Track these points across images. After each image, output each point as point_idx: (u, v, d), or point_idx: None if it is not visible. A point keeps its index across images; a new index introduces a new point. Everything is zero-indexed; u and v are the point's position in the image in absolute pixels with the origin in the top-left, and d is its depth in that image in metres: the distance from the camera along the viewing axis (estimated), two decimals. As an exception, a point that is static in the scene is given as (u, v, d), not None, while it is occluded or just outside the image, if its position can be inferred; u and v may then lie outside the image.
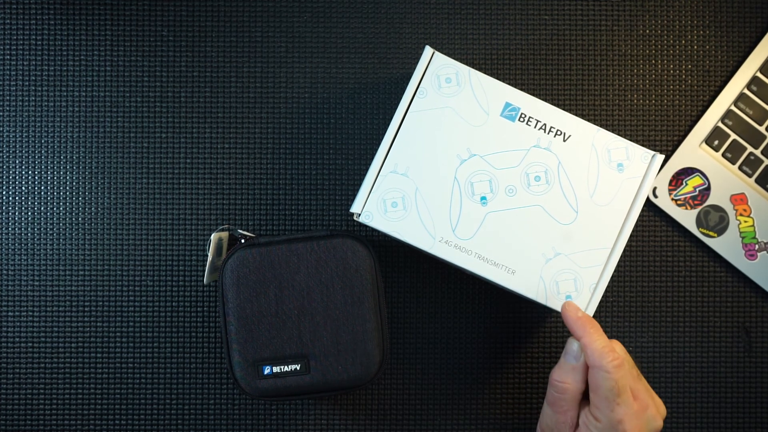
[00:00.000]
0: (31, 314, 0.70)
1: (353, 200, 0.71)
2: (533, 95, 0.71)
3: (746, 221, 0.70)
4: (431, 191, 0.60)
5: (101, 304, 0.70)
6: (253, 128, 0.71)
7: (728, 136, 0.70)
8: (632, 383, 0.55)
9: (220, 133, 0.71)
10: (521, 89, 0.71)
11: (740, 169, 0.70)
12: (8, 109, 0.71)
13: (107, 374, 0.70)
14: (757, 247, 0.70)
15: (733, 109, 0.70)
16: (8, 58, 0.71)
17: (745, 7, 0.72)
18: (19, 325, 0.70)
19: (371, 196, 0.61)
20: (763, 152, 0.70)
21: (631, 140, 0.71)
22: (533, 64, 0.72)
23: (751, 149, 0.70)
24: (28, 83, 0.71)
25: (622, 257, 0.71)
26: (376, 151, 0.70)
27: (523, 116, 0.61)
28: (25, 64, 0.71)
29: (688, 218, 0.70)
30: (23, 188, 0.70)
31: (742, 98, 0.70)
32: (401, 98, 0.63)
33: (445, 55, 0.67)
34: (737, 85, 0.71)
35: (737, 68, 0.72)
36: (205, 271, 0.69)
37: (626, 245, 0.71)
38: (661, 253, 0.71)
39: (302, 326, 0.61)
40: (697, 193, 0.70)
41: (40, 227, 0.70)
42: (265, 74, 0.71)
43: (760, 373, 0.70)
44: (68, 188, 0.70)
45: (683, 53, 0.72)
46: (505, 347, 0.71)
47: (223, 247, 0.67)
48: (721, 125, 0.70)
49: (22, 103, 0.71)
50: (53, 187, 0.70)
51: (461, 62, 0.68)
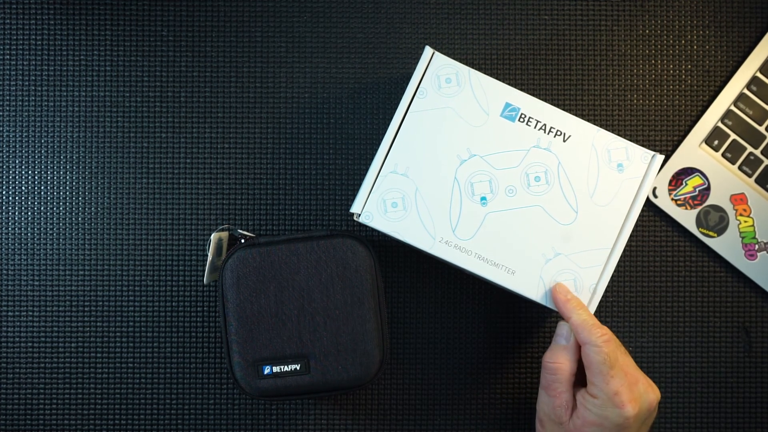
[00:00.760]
0: (31, 314, 0.70)
1: (353, 200, 0.71)
2: (533, 95, 0.71)
3: (746, 221, 0.70)
4: (431, 191, 0.60)
5: (101, 304, 0.70)
6: (253, 128, 0.71)
7: (728, 136, 0.70)
8: (622, 358, 0.57)
9: (220, 133, 0.71)
10: (521, 89, 0.71)
11: (740, 169, 0.70)
12: (8, 109, 0.71)
13: (107, 374, 0.70)
14: (757, 247, 0.70)
15: (732, 109, 0.70)
16: (8, 58, 0.71)
17: (745, 7, 0.72)
18: (19, 325, 0.70)
19: (371, 196, 0.60)
20: (763, 152, 0.70)
21: (631, 140, 0.71)
22: (533, 64, 0.72)
23: (751, 149, 0.70)
24: (28, 83, 0.71)
25: (622, 257, 0.71)
26: (376, 151, 0.70)
27: (523, 116, 0.61)
28: (25, 64, 0.71)
29: (688, 218, 0.70)
30: (23, 188, 0.70)
31: (741, 98, 0.70)
32: (401, 98, 0.63)
33: (445, 55, 0.67)
34: (737, 85, 0.71)
35: (737, 68, 0.72)
36: (205, 271, 0.69)
37: (626, 245, 0.71)
38: (661, 253, 0.71)
39: (302, 326, 0.61)
40: (697, 193, 0.70)
41: (40, 227, 0.70)
42: (265, 74, 0.71)
43: (760, 373, 0.70)
44: (68, 188, 0.70)
45: (683, 53, 0.72)
46: (505, 347, 0.71)
47: (223, 247, 0.67)
48: (721, 125, 0.70)
49: (22, 103, 0.71)
50: (53, 187, 0.70)
51: (461, 62, 0.68)
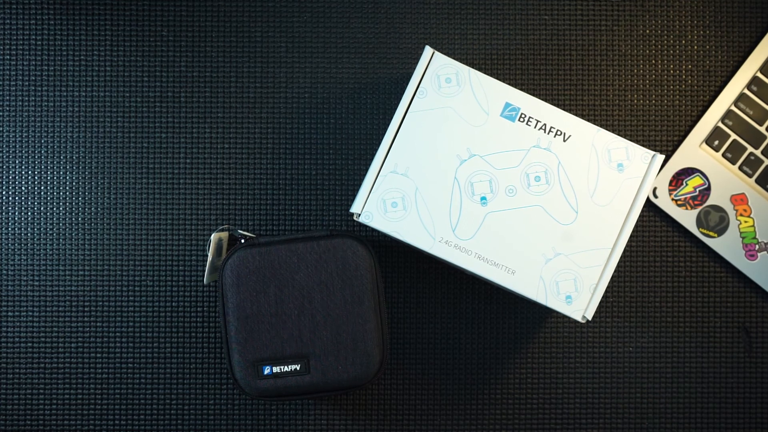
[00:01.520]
0: (31, 314, 0.70)
1: (353, 200, 0.71)
2: (533, 95, 0.71)
3: (746, 221, 0.70)
4: (431, 191, 0.60)
5: (101, 304, 0.70)
6: (253, 128, 0.71)
7: (728, 136, 0.70)
8: None
9: (220, 133, 0.71)
10: (521, 89, 0.71)
11: (740, 169, 0.70)
12: (8, 109, 0.71)
13: (107, 374, 0.70)
14: (757, 247, 0.70)
15: (733, 109, 0.70)
16: (8, 58, 0.71)
17: (745, 7, 0.72)
18: (19, 325, 0.70)
19: (371, 196, 0.60)
20: (763, 152, 0.70)
21: (631, 140, 0.71)
22: (533, 64, 0.72)
23: (751, 149, 0.70)
24: (28, 83, 0.71)
25: (622, 257, 0.71)
26: (376, 151, 0.70)
27: (523, 116, 0.61)
28: (25, 64, 0.71)
29: (688, 218, 0.70)
30: (23, 188, 0.70)
31: (742, 98, 0.70)
32: (401, 98, 0.63)
33: (445, 55, 0.67)
34: (737, 85, 0.71)
35: (737, 68, 0.72)
36: (205, 271, 0.69)
37: (626, 245, 0.71)
38: (661, 253, 0.71)
39: (302, 326, 0.61)
40: (697, 193, 0.70)
41: (40, 227, 0.70)
42: (265, 74, 0.71)
43: (760, 373, 0.70)
44: (68, 188, 0.70)
45: (683, 53, 0.72)
46: (505, 347, 0.71)
47: (223, 247, 0.67)
48: (721, 125, 0.70)
49: (22, 103, 0.71)
50: (53, 187, 0.70)
51: (461, 62, 0.68)
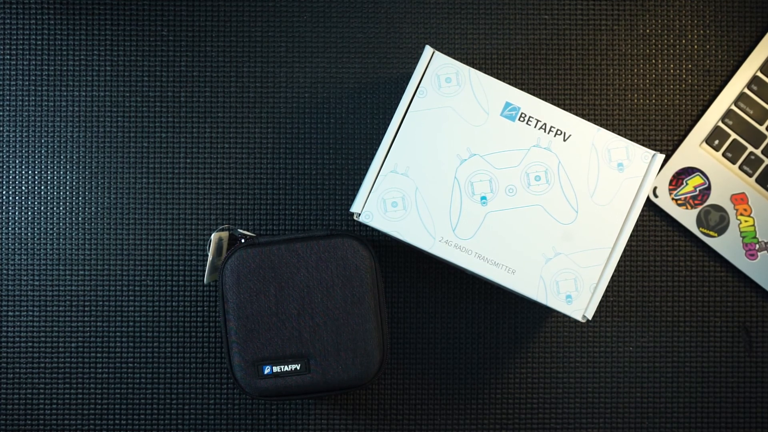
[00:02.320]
0: (31, 314, 0.70)
1: (353, 200, 0.71)
2: (533, 95, 0.71)
3: (746, 221, 0.70)
4: (431, 191, 0.60)
5: (101, 304, 0.70)
6: (253, 128, 0.71)
7: (729, 135, 0.70)
8: None
9: (220, 133, 0.71)
10: (521, 89, 0.71)
11: (741, 168, 0.70)
12: (8, 109, 0.71)
13: (107, 374, 0.70)
14: (757, 246, 0.70)
15: (733, 108, 0.70)
16: (8, 58, 0.71)
17: (745, 6, 0.72)
18: (19, 325, 0.70)
19: (371, 195, 0.60)
20: (763, 152, 0.70)
21: (631, 140, 0.71)
22: (533, 64, 0.72)
23: (751, 149, 0.70)
24: (28, 83, 0.71)
25: (622, 257, 0.71)
26: (376, 151, 0.70)
27: (523, 116, 0.61)
28: (25, 64, 0.71)
29: (688, 218, 0.70)
30: (23, 188, 0.70)
31: (742, 98, 0.70)
32: (401, 98, 0.63)
33: (445, 54, 0.67)
34: (738, 84, 0.71)
35: (738, 68, 0.72)
36: (205, 271, 0.69)
37: (626, 245, 0.71)
38: (661, 253, 0.71)
39: (302, 326, 0.61)
40: (697, 192, 0.70)
41: (40, 227, 0.70)
42: (265, 74, 0.71)
43: (760, 373, 0.70)
44: (68, 188, 0.70)
45: (683, 53, 0.72)
46: (505, 347, 0.70)
47: (223, 247, 0.67)
48: (721, 125, 0.70)
49: (22, 103, 0.71)
50: (53, 186, 0.70)
51: (461, 62, 0.68)
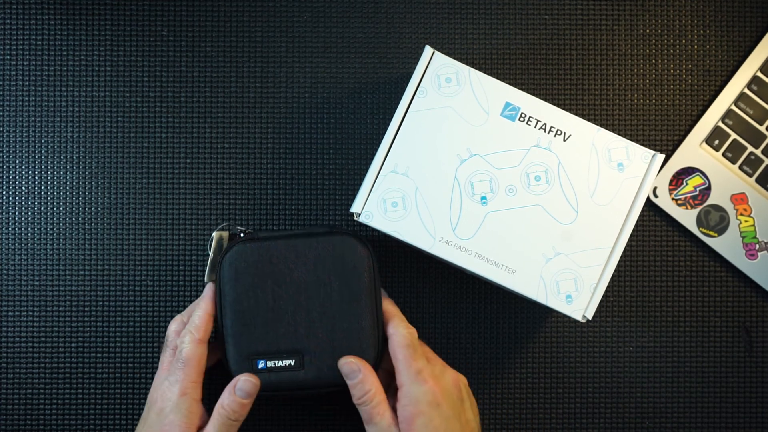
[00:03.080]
0: (31, 314, 0.70)
1: (353, 200, 0.71)
2: (533, 95, 0.71)
3: (747, 221, 0.70)
4: (431, 191, 0.60)
5: (101, 304, 0.70)
6: (253, 128, 0.71)
7: (729, 135, 0.70)
8: (423, 348, 0.62)
9: (220, 133, 0.71)
10: (521, 89, 0.71)
11: (741, 168, 0.70)
12: (8, 109, 0.71)
13: (107, 374, 0.70)
14: (757, 246, 0.70)
15: (733, 108, 0.70)
16: (8, 58, 0.71)
17: (745, 6, 0.72)
18: (19, 325, 0.70)
19: (371, 195, 0.60)
20: (763, 152, 0.70)
21: (631, 140, 0.71)
22: (533, 64, 0.72)
23: (751, 149, 0.70)
24: (28, 83, 0.71)
25: (622, 257, 0.71)
26: (376, 151, 0.70)
27: (523, 116, 0.61)
28: (25, 64, 0.71)
29: (688, 218, 0.70)
30: (23, 188, 0.70)
31: (742, 98, 0.70)
32: (401, 98, 0.63)
33: (445, 54, 0.67)
34: (738, 84, 0.71)
35: (738, 68, 0.72)
36: (206, 269, 0.69)
37: (626, 245, 0.71)
38: (661, 253, 0.71)
39: (298, 322, 0.61)
40: (697, 192, 0.70)
41: (40, 227, 0.70)
42: (265, 74, 0.71)
43: (760, 373, 0.70)
44: (68, 188, 0.70)
45: (683, 53, 0.72)
46: (505, 347, 0.70)
47: (224, 245, 0.67)
48: (721, 125, 0.70)
49: (22, 103, 0.71)
50: (53, 187, 0.70)
51: (461, 62, 0.68)
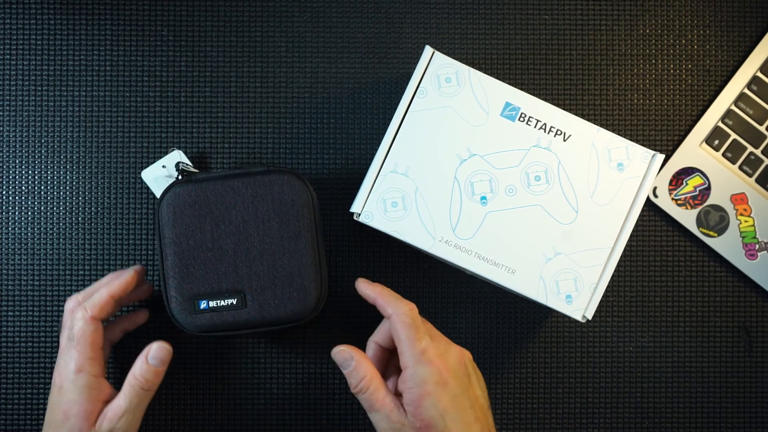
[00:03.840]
0: (31, 314, 0.70)
1: (353, 200, 0.71)
2: (533, 95, 0.71)
3: (746, 221, 0.70)
4: (431, 191, 0.60)
5: (101, 304, 0.70)
6: (253, 128, 0.71)
7: (728, 135, 0.70)
8: (425, 325, 0.60)
9: (220, 133, 0.71)
10: (521, 89, 0.71)
11: (740, 168, 0.70)
12: (8, 109, 0.71)
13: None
14: (757, 246, 0.70)
15: (733, 108, 0.70)
16: (8, 58, 0.71)
17: (745, 6, 0.72)
18: (19, 325, 0.70)
19: (371, 195, 0.61)
20: (763, 152, 0.70)
21: (631, 140, 0.71)
22: (533, 64, 0.72)
23: (751, 149, 0.70)
24: (28, 83, 0.71)
25: (622, 257, 0.71)
26: (376, 151, 0.70)
27: (523, 116, 0.61)
28: (25, 64, 0.71)
29: (688, 218, 0.70)
30: (23, 188, 0.70)
31: (742, 98, 0.70)
32: (401, 98, 0.63)
33: (445, 54, 0.67)
34: (737, 84, 0.71)
35: (737, 68, 0.72)
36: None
37: (626, 245, 0.71)
38: (661, 253, 0.71)
39: (238, 261, 0.61)
40: (697, 192, 0.70)
41: (40, 227, 0.70)
42: (265, 74, 0.71)
43: (760, 373, 0.70)
44: (68, 188, 0.70)
45: (683, 53, 0.72)
46: (505, 347, 0.70)
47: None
48: (721, 125, 0.70)
49: (22, 103, 0.71)
50: (53, 186, 0.70)
51: (461, 62, 0.68)
